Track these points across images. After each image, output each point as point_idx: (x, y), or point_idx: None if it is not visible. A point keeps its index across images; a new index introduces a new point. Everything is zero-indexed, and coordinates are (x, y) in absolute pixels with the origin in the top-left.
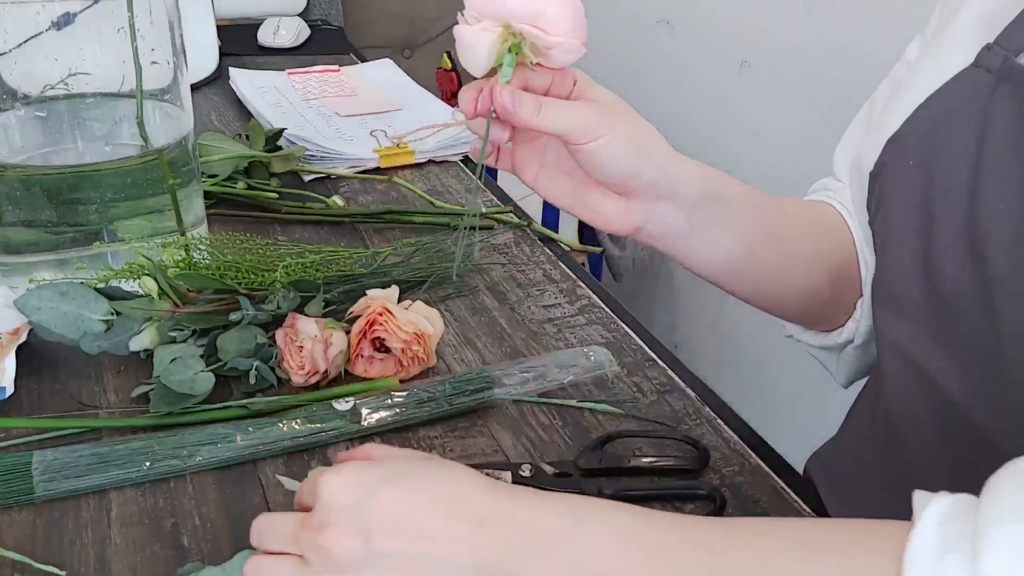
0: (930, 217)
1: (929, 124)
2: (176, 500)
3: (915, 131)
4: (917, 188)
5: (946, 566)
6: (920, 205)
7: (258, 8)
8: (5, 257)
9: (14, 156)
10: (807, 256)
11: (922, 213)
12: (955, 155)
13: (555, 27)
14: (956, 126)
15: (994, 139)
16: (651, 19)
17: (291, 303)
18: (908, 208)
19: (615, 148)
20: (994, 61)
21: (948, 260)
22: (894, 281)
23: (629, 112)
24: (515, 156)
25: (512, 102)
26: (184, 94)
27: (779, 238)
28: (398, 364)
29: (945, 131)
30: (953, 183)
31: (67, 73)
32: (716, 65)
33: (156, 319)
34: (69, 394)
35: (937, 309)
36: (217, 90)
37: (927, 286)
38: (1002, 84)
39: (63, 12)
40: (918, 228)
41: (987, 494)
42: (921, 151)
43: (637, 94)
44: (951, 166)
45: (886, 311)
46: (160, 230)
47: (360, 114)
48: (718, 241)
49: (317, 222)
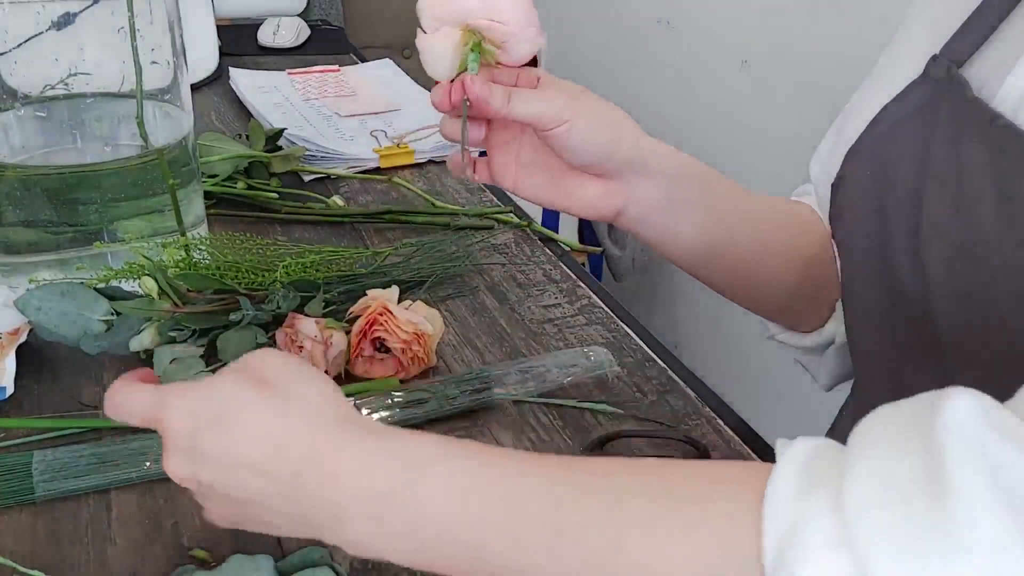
0: (885, 224)
1: (882, 134)
2: (176, 500)
3: (870, 142)
4: (874, 197)
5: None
6: (876, 213)
7: (258, 8)
8: (5, 257)
9: (14, 156)
10: (784, 247)
11: (878, 220)
12: (904, 164)
13: (510, 18)
14: (906, 136)
15: (937, 148)
16: (651, 19)
17: (291, 303)
18: (866, 216)
19: (586, 129)
20: (939, 71)
21: (898, 265)
22: (856, 288)
23: (596, 98)
24: (492, 164)
25: (483, 91)
26: (184, 94)
27: (755, 226)
28: (398, 364)
29: (896, 141)
30: (903, 191)
31: (67, 73)
32: (716, 65)
33: (156, 319)
34: (69, 394)
35: (893, 313)
36: (217, 90)
37: (885, 291)
38: (946, 94)
39: (63, 12)
40: (875, 235)
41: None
42: (875, 161)
43: (637, 94)
44: (901, 175)
45: (855, 319)
46: (160, 230)
47: (360, 114)
48: (696, 223)
49: (317, 222)
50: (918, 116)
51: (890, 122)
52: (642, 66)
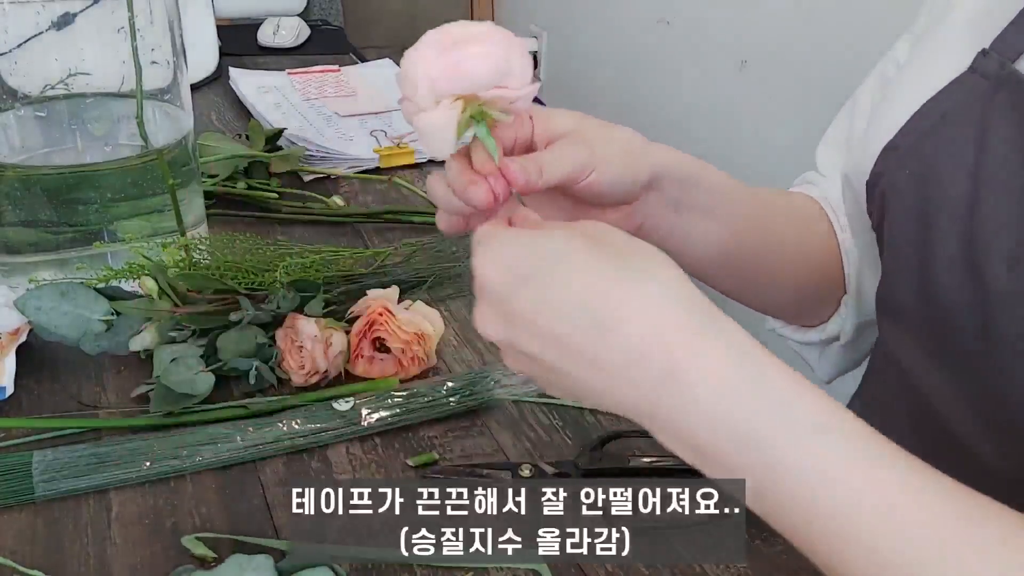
0: (928, 229)
1: (925, 133)
2: (176, 500)
3: (911, 140)
4: (914, 199)
5: None
6: (917, 216)
7: (258, 8)
8: (5, 257)
9: (14, 156)
10: (791, 245)
11: (920, 224)
12: (953, 165)
13: (519, 80)
14: (953, 135)
15: (994, 150)
16: (651, 19)
17: (291, 303)
18: (906, 219)
19: (612, 171)
20: (990, 67)
21: (945, 274)
22: (893, 291)
23: (603, 126)
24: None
25: (521, 173)
26: (184, 94)
27: (764, 226)
28: (398, 364)
29: (941, 140)
30: (951, 195)
31: (67, 73)
32: (716, 65)
33: (156, 319)
34: (69, 394)
35: (932, 322)
36: (217, 90)
37: (923, 298)
38: (1000, 91)
39: (63, 12)
40: (915, 239)
41: None
42: (917, 161)
43: (637, 94)
44: (949, 177)
45: (884, 318)
46: (160, 230)
47: (360, 114)
48: (706, 229)
49: (317, 222)
50: (966, 114)
51: (933, 120)
52: (642, 66)
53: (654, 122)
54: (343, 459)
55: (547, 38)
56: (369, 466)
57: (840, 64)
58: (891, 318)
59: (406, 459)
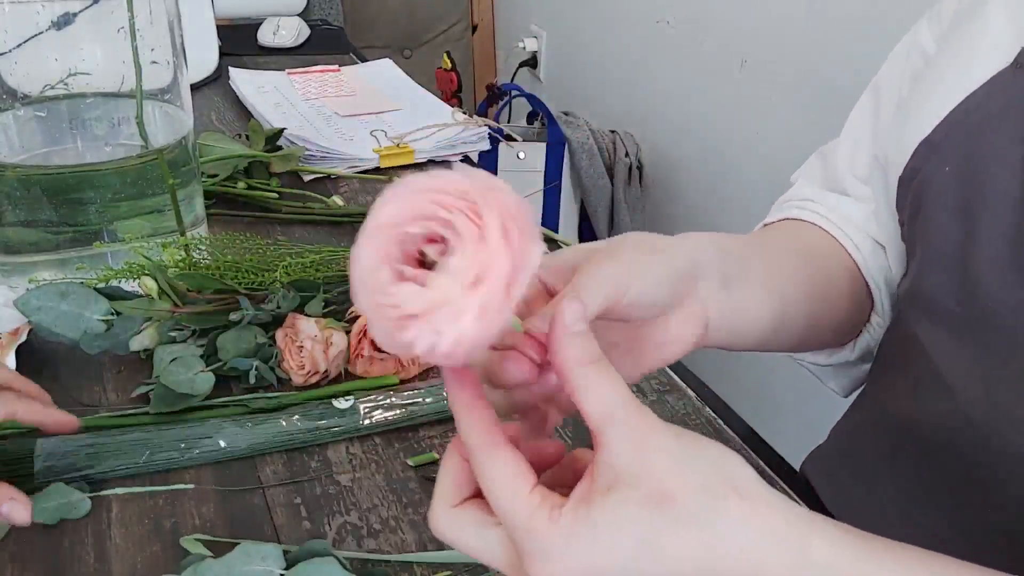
0: (971, 226)
1: (968, 129)
2: (176, 500)
3: (952, 136)
4: (956, 196)
5: None
6: (959, 214)
7: (258, 8)
8: (5, 257)
9: (14, 156)
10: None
11: (962, 222)
12: (1000, 163)
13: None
14: (999, 132)
15: None
16: (650, 19)
17: (291, 303)
18: (946, 216)
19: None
20: None
21: (990, 273)
22: (930, 288)
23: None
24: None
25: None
26: (184, 94)
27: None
28: (398, 364)
29: (987, 137)
30: (998, 193)
31: (67, 73)
32: (716, 65)
33: (156, 319)
34: (69, 394)
35: (972, 322)
36: (217, 90)
37: (964, 297)
38: None
39: (63, 12)
40: (957, 237)
41: None
42: (960, 158)
43: (637, 94)
44: (995, 174)
45: (917, 313)
46: (160, 230)
47: (360, 114)
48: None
49: (317, 222)
50: (1013, 111)
51: (976, 116)
52: (642, 65)
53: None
54: (343, 458)
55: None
56: (369, 466)
57: (841, 65)
58: (926, 316)
59: (406, 459)
